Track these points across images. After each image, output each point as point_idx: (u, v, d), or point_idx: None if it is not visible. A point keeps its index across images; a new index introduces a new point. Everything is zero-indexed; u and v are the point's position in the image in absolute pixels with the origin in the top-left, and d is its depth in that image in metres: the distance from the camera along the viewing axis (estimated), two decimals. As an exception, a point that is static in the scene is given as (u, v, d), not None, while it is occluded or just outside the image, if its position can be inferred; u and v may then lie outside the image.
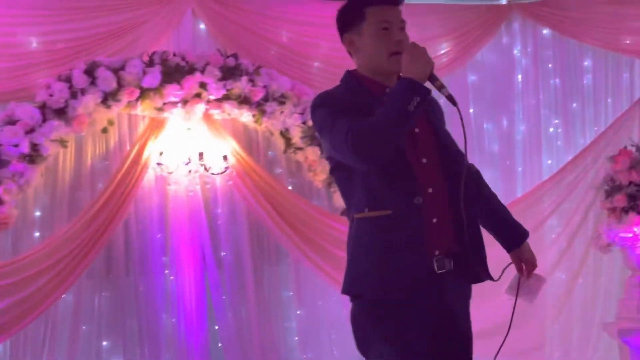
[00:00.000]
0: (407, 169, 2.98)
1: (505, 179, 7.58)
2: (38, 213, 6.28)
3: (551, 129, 7.61)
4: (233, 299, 6.59)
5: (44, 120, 6.00)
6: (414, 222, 2.95)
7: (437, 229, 3.01)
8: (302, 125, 6.52)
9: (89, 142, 6.38)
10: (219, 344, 6.56)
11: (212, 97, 6.35)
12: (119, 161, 6.35)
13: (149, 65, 6.22)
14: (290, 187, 6.84)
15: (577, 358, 7.21)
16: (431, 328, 2.99)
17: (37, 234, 6.25)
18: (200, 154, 6.42)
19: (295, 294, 6.80)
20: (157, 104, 6.24)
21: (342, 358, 6.67)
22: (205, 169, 6.46)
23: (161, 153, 6.38)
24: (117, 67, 6.16)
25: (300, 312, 6.80)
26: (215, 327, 6.56)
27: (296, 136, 6.58)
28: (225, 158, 6.51)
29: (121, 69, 6.16)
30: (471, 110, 7.52)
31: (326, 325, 6.79)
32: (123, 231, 6.38)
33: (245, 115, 6.51)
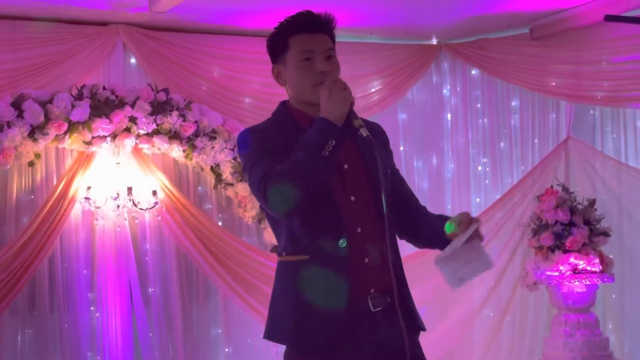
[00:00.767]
0: (333, 209, 2.82)
1: (435, 217, 7.64)
2: (-40, 247, 6.14)
3: (479, 168, 7.72)
4: (160, 336, 6.51)
5: (-31, 152, 5.89)
6: (337, 265, 2.80)
7: (371, 268, 2.85)
8: (232, 160, 6.51)
9: (15, 176, 6.27)
10: (145, 383, 6.46)
11: (142, 132, 6.30)
12: (45, 195, 6.25)
13: (78, 98, 6.15)
14: (220, 223, 6.80)
15: (504, 395, 7.27)
16: None
17: (-41, 269, 6.10)
18: (129, 188, 6.35)
19: (224, 331, 6.75)
20: (85, 137, 6.17)
21: (270, 396, 6.62)
22: (134, 204, 6.39)
23: (89, 187, 6.29)
24: (45, 100, 6.08)
25: (229, 350, 6.74)
26: (141, 366, 6.47)
27: (227, 172, 6.56)
28: (154, 193, 6.45)
29: (49, 102, 6.08)
30: (401, 148, 7.60)
31: (255, 363, 6.75)
32: (48, 266, 6.26)
33: (176, 150, 6.47)
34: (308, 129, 2.77)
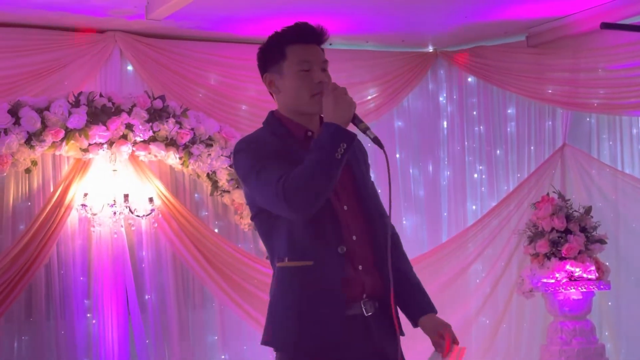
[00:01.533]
0: (333, 217, 2.93)
1: (431, 224, 7.67)
2: (-43, 254, 6.13)
3: (475, 175, 7.73)
4: (157, 343, 6.50)
5: (-34, 159, 5.89)
6: (337, 272, 2.91)
7: (362, 275, 2.96)
8: (229, 168, 6.51)
9: (12, 183, 6.27)
10: (141, 390, 6.45)
11: (138, 139, 6.30)
12: (42, 202, 6.25)
13: (75, 105, 6.15)
14: (216, 230, 6.80)
15: (500, 403, 7.27)
16: None
17: (-44, 276, 6.10)
18: (126, 195, 6.35)
19: (220, 338, 6.74)
20: (82, 145, 6.17)
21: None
22: (131, 211, 6.39)
23: (85, 194, 6.30)
24: (42, 107, 6.08)
25: (225, 357, 6.74)
26: (137, 373, 6.46)
27: (223, 179, 6.56)
28: (151, 200, 6.45)
29: (46, 109, 6.08)
30: (397, 155, 7.61)
31: (251, 371, 6.74)
32: (45, 273, 6.26)
33: (172, 158, 6.47)
34: (319, 135, 2.83)
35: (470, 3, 6.45)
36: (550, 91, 7.33)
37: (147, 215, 6.46)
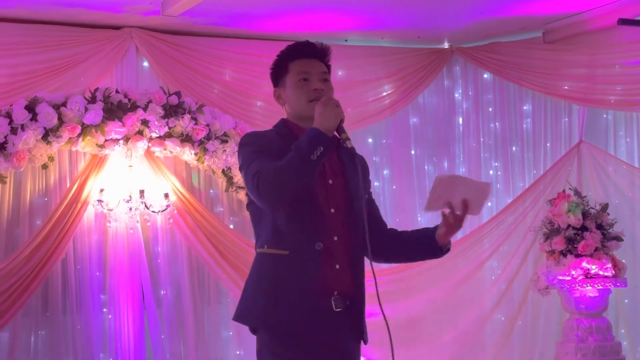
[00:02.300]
0: (316, 216, 3.15)
1: (446, 221, 7.64)
2: (-26, 249, 6.17)
3: (491, 172, 7.71)
4: (172, 338, 6.53)
5: (-17, 155, 5.92)
6: (312, 265, 3.11)
7: (338, 273, 3.16)
8: (244, 164, 6.51)
9: (29, 178, 6.31)
10: (157, 384, 6.48)
11: (154, 135, 6.32)
12: (59, 198, 6.29)
13: (91, 101, 6.18)
14: (231, 226, 6.82)
15: (515, 399, 7.26)
16: None
17: (-27, 270, 6.14)
18: (141, 191, 6.38)
19: (235, 333, 6.76)
20: (98, 140, 6.20)
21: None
22: (146, 207, 6.42)
23: (102, 190, 6.33)
24: (58, 103, 6.11)
25: (240, 353, 6.75)
26: (153, 367, 6.49)
27: (238, 175, 6.57)
28: (166, 196, 6.47)
29: (63, 105, 6.11)
30: (412, 152, 7.60)
31: (266, 366, 6.73)
32: (61, 268, 6.30)
33: (187, 154, 6.49)
34: (301, 136, 3.06)
35: (486, -1, 6.45)
36: (566, 87, 7.31)
37: (162, 211, 6.49)
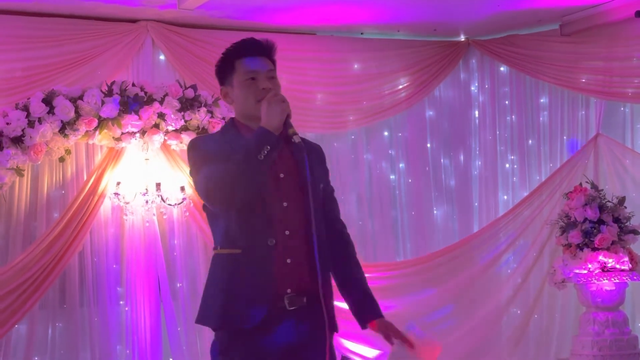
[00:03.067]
0: (265, 211, 3.12)
1: (462, 214, 7.65)
2: (-8, 242, 6.21)
3: (507, 165, 7.70)
4: (188, 330, 6.55)
5: (1, 148, 5.94)
6: (264, 262, 3.09)
7: (290, 269, 3.12)
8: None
9: (46, 171, 6.34)
10: (173, 376, 6.51)
11: (170, 128, 6.34)
12: (76, 191, 6.31)
13: (108, 95, 6.20)
14: (247, 219, 6.82)
15: (531, 393, 7.25)
16: None
17: (-9, 263, 6.18)
18: (158, 184, 6.39)
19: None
20: (115, 134, 6.22)
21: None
22: (162, 200, 6.43)
23: (118, 183, 6.35)
24: (75, 96, 6.13)
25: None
26: None
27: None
28: (182, 189, 6.49)
29: (79, 98, 6.13)
30: (428, 145, 7.58)
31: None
32: (78, 261, 6.33)
33: (204, 147, 6.49)
34: (249, 137, 3.08)
35: (502, -9, 6.43)
36: (584, 80, 7.28)
37: (178, 204, 6.50)
